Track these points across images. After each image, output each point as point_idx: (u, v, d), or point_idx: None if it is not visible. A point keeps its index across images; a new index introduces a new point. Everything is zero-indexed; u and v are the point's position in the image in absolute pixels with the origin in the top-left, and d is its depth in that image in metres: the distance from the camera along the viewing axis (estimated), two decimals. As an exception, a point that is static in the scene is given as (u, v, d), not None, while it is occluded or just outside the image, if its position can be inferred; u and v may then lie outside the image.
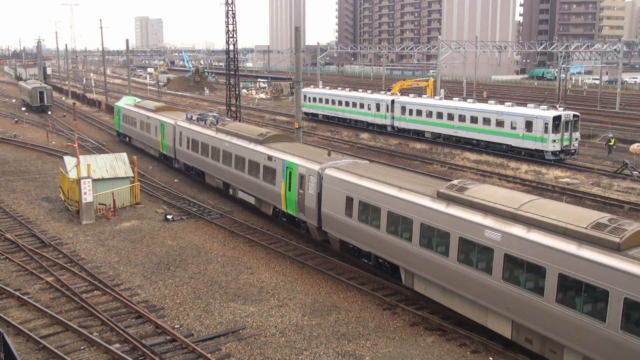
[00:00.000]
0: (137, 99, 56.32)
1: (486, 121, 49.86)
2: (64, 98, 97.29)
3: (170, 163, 43.49)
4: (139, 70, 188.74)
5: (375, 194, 21.70)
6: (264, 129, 35.67)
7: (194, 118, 39.84)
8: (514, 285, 16.60)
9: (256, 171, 29.82)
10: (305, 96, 72.07)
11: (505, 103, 50.97)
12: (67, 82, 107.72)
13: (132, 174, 33.67)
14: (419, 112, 56.91)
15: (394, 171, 24.32)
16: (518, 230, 16.60)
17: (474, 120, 51.02)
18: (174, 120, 41.08)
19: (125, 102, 53.73)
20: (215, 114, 40.40)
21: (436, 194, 19.76)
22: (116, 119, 55.21)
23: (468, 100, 56.21)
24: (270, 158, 28.58)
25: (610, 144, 50.48)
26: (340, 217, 23.55)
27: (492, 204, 17.83)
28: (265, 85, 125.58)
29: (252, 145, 30.67)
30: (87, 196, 30.16)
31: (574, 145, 46.11)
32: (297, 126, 37.41)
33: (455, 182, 20.01)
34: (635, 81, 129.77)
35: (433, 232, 19.21)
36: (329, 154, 27.24)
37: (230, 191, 33.84)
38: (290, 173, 26.77)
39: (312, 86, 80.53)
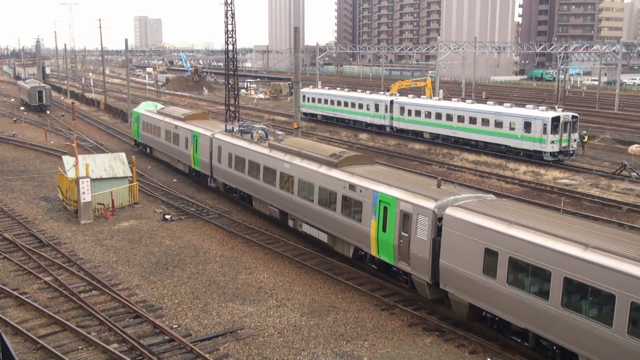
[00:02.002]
0: (159, 105, 50.44)
1: (485, 122, 49.89)
2: (62, 97, 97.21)
3: (202, 180, 38.29)
4: (137, 70, 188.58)
5: (539, 250, 15.91)
6: (335, 147, 29.35)
7: (235, 130, 34.14)
8: None
9: (331, 202, 24.16)
10: (304, 96, 72.08)
11: (504, 104, 51.00)
12: (66, 81, 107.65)
13: (130, 174, 33.66)
14: (418, 113, 56.94)
15: (548, 214, 18.29)
16: None
17: (472, 120, 51.05)
18: (210, 131, 35.43)
19: (146, 108, 47.96)
20: (263, 126, 34.06)
21: None
22: (134, 127, 49.62)
23: (467, 100, 56.25)
24: (353, 187, 22.87)
25: (584, 140, 51.05)
26: (473, 275, 17.74)
27: None
28: (254, 84, 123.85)
29: (323, 169, 24.90)
30: (86, 196, 30.14)
31: (572, 146, 46.17)
32: (295, 126, 37.46)
33: None
34: (634, 82, 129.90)
35: None
36: (439, 185, 21.33)
37: (290, 222, 27.84)
38: (385, 209, 21.19)
39: (311, 86, 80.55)
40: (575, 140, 46.42)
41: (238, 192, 33.02)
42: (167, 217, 31.13)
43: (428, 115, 55.74)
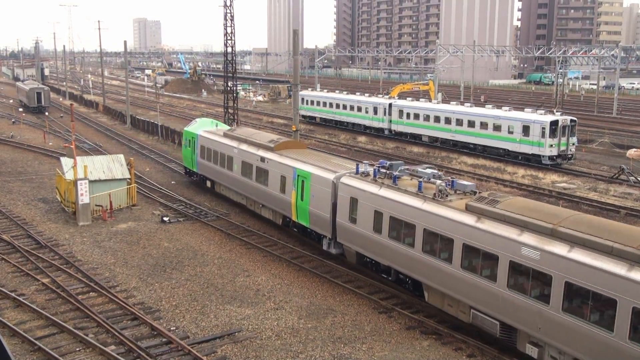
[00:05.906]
0: (220, 124, 39.72)
1: (483, 125, 49.94)
2: (61, 99, 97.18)
3: (314, 240, 27.05)
4: (136, 72, 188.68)
5: None
6: (627, 224, 17.55)
7: (378, 175, 22.84)
8: None
9: None
10: (302, 99, 72.12)
11: (503, 107, 51.08)
12: (64, 83, 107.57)
13: (129, 176, 33.64)
14: (417, 116, 56.98)
15: None
16: None
17: (471, 124, 51.10)
18: (329, 172, 24.87)
19: (204, 128, 37.57)
20: (436, 172, 21.93)
21: None
22: (186, 151, 38.81)
23: (465, 104, 56.33)
24: None
25: None
26: None
27: None
28: (247, 87, 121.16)
29: (632, 274, 14.19)
30: (84, 197, 30.12)
31: (571, 150, 46.24)
32: (294, 129, 37.48)
33: None
34: (633, 86, 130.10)
35: None
36: None
37: (532, 351, 16.63)
38: None
39: (309, 89, 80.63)
40: (573, 144, 46.51)
41: (392, 271, 21.99)
42: (165, 219, 31.11)
43: (427, 118, 55.79)
